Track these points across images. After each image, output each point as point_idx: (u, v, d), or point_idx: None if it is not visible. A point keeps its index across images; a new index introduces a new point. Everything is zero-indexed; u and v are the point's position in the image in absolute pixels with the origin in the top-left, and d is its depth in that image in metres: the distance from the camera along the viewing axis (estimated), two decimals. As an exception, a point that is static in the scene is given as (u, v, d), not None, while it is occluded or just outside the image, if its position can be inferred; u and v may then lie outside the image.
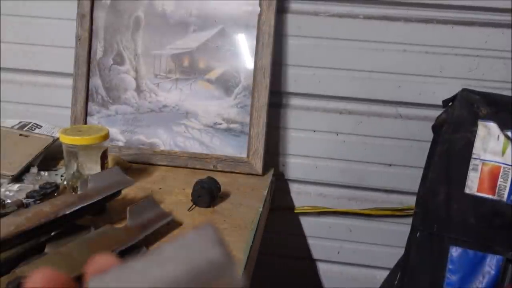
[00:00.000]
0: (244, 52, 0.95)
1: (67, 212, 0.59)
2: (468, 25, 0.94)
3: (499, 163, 0.83)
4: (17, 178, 0.82)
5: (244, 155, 0.94)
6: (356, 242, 1.09)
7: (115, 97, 0.99)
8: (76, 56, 0.98)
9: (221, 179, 0.80)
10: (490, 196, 0.82)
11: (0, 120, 0.98)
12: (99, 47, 0.98)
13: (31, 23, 1.05)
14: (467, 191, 0.83)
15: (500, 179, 0.82)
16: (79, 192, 0.69)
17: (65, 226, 0.63)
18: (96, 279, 0.18)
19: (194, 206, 0.77)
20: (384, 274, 0.99)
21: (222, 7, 0.95)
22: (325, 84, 1.00)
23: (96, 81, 0.99)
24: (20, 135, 0.91)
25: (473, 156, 0.84)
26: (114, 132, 0.97)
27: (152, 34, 0.97)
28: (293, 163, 1.06)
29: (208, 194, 0.76)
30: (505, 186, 0.81)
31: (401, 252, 0.92)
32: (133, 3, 0.97)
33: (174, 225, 0.70)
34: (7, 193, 0.75)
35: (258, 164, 0.93)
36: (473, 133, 0.84)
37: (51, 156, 0.90)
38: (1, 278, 0.52)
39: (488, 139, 0.84)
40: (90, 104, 0.99)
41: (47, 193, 0.74)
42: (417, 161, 0.97)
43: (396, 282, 0.89)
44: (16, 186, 0.78)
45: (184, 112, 0.97)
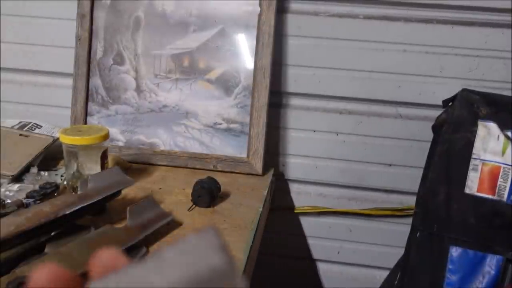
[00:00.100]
0: (244, 52, 0.95)
1: (67, 212, 0.59)
2: (468, 25, 0.94)
3: (499, 163, 0.83)
4: (17, 178, 0.82)
5: (244, 155, 0.94)
6: (356, 242, 1.09)
7: (115, 97, 0.99)
8: (76, 56, 0.98)
9: (221, 179, 0.80)
10: (490, 196, 0.82)
11: (0, 120, 0.98)
12: (99, 47, 0.98)
13: (31, 23, 1.05)
14: (467, 191, 0.83)
15: (500, 179, 0.82)
16: (79, 192, 0.69)
17: (65, 226, 0.63)
18: (96, 284, 0.18)
19: (194, 206, 0.77)
20: (384, 274, 0.99)
21: (222, 7, 0.95)
22: (325, 84, 1.00)
23: (96, 81, 0.99)
24: (20, 135, 0.91)
25: (473, 156, 0.84)
26: (114, 132, 0.97)
27: (152, 34, 0.97)
28: (293, 163, 1.06)
29: (208, 194, 0.76)
30: (505, 186, 0.82)
31: (401, 252, 0.92)
32: (133, 3, 0.97)
33: (174, 225, 0.70)
34: (7, 193, 0.75)
35: (258, 164, 0.93)
36: (473, 133, 0.84)
37: (51, 156, 0.90)
38: (1, 278, 0.52)
39: (488, 139, 0.84)
40: (90, 104, 0.99)
41: (47, 193, 0.74)
42: (417, 161, 0.97)
43: (396, 282, 0.89)
44: (16, 186, 0.78)
45: (184, 112, 0.97)
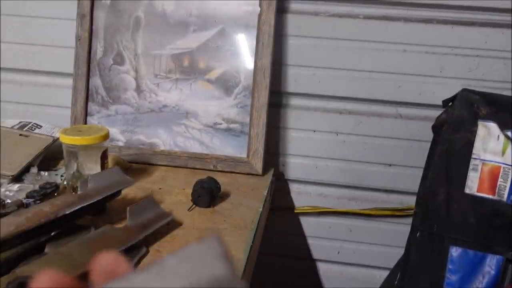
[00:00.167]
0: (244, 52, 0.95)
1: (67, 212, 0.59)
2: (468, 25, 0.94)
3: (499, 163, 0.83)
4: (17, 178, 0.82)
5: (244, 155, 0.94)
6: (356, 242, 1.09)
7: (115, 97, 0.99)
8: (76, 56, 0.98)
9: (221, 179, 0.80)
10: (490, 196, 0.82)
11: (0, 120, 0.98)
12: (99, 47, 0.98)
13: (31, 23, 1.05)
14: (467, 191, 0.83)
15: (500, 179, 0.82)
16: (79, 192, 0.69)
17: (65, 226, 0.63)
18: None
19: (194, 206, 0.76)
20: (384, 274, 0.99)
21: (222, 7, 0.95)
22: (325, 84, 1.00)
23: (96, 81, 0.99)
24: (20, 135, 0.91)
25: (473, 156, 0.84)
26: (114, 132, 0.97)
27: (152, 34, 0.97)
28: (293, 163, 1.06)
29: (208, 194, 0.76)
30: (505, 186, 0.81)
31: (401, 252, 0.92)
32: (133, 3, 0.97)
33: (174, 225, 0.70)
34: (7, 193, 0.75)
35: (258, 164, 0.93)
36: (473, 133, 0.84)
37: (51, 156, 0.90)
38: (1, 278, 0.52)
39: (488, 139, 0.84)
40: (90, 104, 0.99)
41: (47, 193, 0.74)
42: (417, 161, 0.97)
43: (396, 282, 0.89)
44: (16, 186, 0.78)
45: (184, 112, 0.97)
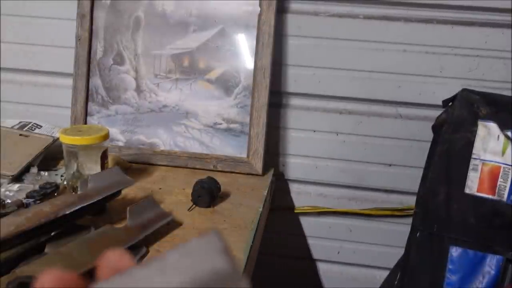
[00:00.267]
0: (244, 52, 0.95)
1: (67, 212, 0.59)
2: (468, 25, 0.94)
3: (499, 163, 0.83)
4: (17, 178, 0.82)
5: (244, 155, 0.94)
6: (356, 242, 1.09)
7: (115, 97, 0.99)
8: (76, 56, 0.98)
9: (221, 179, 0.80)
10: (490, 196, 0.82)
11: (0, 120, 0.98)
12: (99, 47, 0.98)
13: (31, 23, 1.05)
14: (467, 191, 0.83)
15: (500, 179, 0.82)
16: (79, 192, 0.69)
17: (65, 226, 0.63)
18: (100, 285, 0.18)
19: (194, 206, 0.76)
20: (384, 274, 0.99)
21: (222, 7, 0.95)
22: (325, 84, 1.00)
23: (96, 81, 0.99)
24: (20, 135, 0.91)
25: (473, 156, 0.84)
26: (114, 132, 0.97)
27: (152, 34, 0.97)
28: (293, 163, 1.06)
29: (208, 194, 0.76)
30: (505, 186, 0.81)
31: (401, 252, 0.92)
32: (133, 3, 0.97)
33: (174, 225, 0.70)
34: (7, 193, 0.75)
35: (258, 164, 0.93)
36: (473, 133, 0.84)
37: (51, 156, 0.90)
38: (1, 278, 0.52)
39: (488, 139, 0.84)
40: (90, 104, 0.99)
41: (47, 193, 0.74)
42: (417, 161, 0.97)
43: (396, 282, 0.89)
44: (16, 186, 0.78)
45: (184, 112, 0.97)
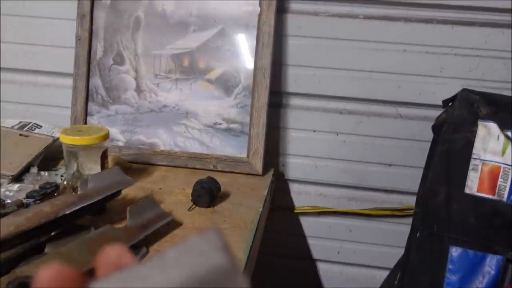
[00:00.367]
0: (244, 52, 0.95)
1: (67, 212, 0.59)
2: (468, 25, 0.94)
3: (499, 163, 0.83)
4: (17, 178, 0.82)
5: (244, 155, 0.94)
6: (356, 242, 1.09)
7: (115, 97, 0.99)
8: (76, 56, 0.98)
9: (221, 179, 0.80)
10: (490, 196, 0.82)
11: (0, 120, 0.98)
12: (99, 47, 0.98)
13: (31, 23, 1.05)
14: (467, 191, 0.83)
15: (500, 179, 0.82)
16: (79, 192, 0.69)
17: (65, 226, 0.63)
18: (99, 282, 0.18)
19: (194, 206, 0.76)
20: (384, 274, 0.99)
21: (222, 7, 0.95)
22: (325, 84, 1.00)
23: (96, 81, 0.99)
24: (20, 135, 0.91)
25: (473, 156, 0.84)
26: (114, 132, 0.97)
27: (152, 34, 0.97)
28: (293, 163, 1.06)
29: (208, 194, 0.76)
30: (505, 186, 0.81)
31: (401, 252, 0.92)
32: (133, 3, 0.97)
33: (174, 225, 0.70)
34: (7, 193, 0.75)
35: (258, 164, 0.93)
36: (473, 133, 0.84)
37: (51, 156, 0.90)
38: (1, 278, 0.52)
39: (488, 139, 0.84)
40: (90, 104, 0.99)
41: (47, 193, 0.74)
42: (417, 161, 0.97)
43: (396, 282, 0.89)
44: (16, 186, 0.78)
45: (184, 112, 0.97)
